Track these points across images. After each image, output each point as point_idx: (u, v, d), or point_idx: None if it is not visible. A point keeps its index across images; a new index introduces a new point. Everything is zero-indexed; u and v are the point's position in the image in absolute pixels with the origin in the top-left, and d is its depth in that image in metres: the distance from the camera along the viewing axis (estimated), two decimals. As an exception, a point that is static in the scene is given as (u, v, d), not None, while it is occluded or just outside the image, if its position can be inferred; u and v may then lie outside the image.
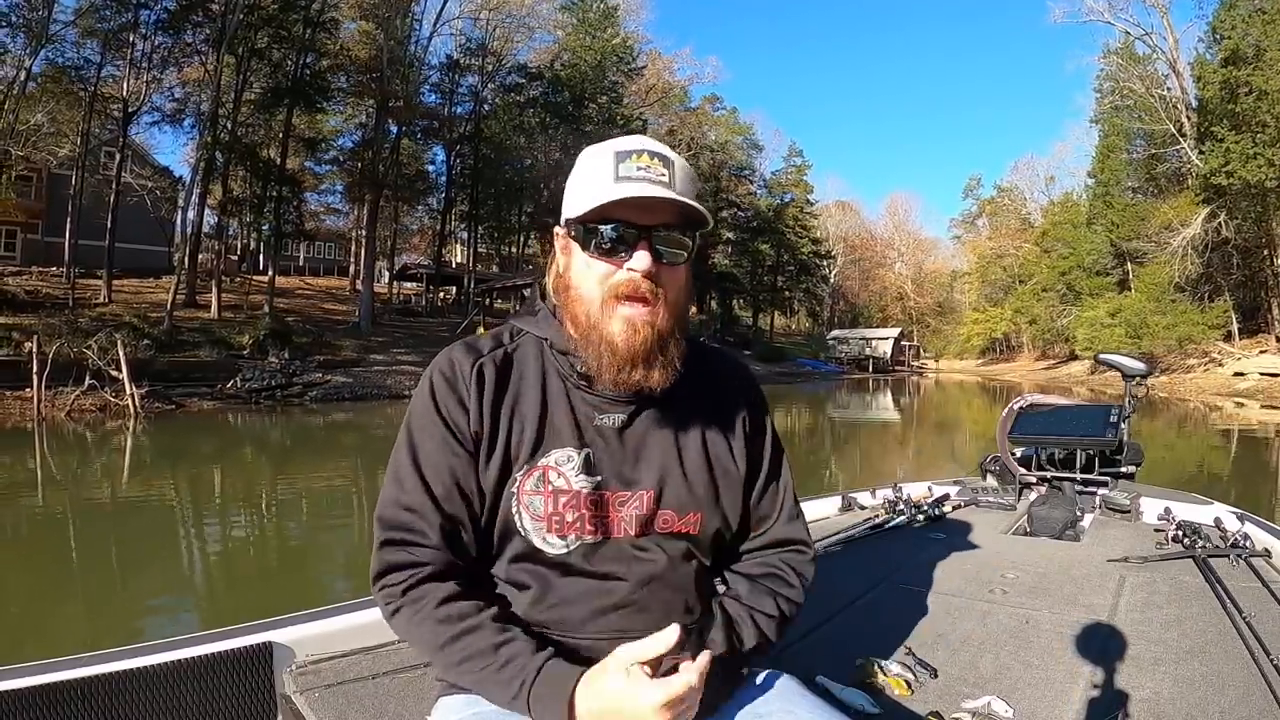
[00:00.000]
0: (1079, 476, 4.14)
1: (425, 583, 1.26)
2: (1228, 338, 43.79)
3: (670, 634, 1.11)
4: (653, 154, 1.27)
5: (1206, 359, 42.32)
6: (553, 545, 1.30)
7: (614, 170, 1.25)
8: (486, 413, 1.31)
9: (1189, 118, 46.80)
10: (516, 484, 1.30)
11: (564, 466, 1.30)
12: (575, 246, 1.31)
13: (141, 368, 21.85)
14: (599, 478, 1.31)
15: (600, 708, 1.11)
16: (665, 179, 1.26)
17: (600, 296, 1.27)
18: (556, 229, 1.37)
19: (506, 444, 1.31)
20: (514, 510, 1.29)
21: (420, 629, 1.25)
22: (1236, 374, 39.01)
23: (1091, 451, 4.13)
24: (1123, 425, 4.07)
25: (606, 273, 1.27)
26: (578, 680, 1.14)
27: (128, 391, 20.22)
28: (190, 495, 11.86)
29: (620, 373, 1.27)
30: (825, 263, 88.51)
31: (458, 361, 1.34)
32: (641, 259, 1.25)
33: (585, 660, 1.21)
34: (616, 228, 1.26)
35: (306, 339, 31.31)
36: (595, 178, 1.27)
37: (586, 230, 1.28)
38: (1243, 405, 30.60)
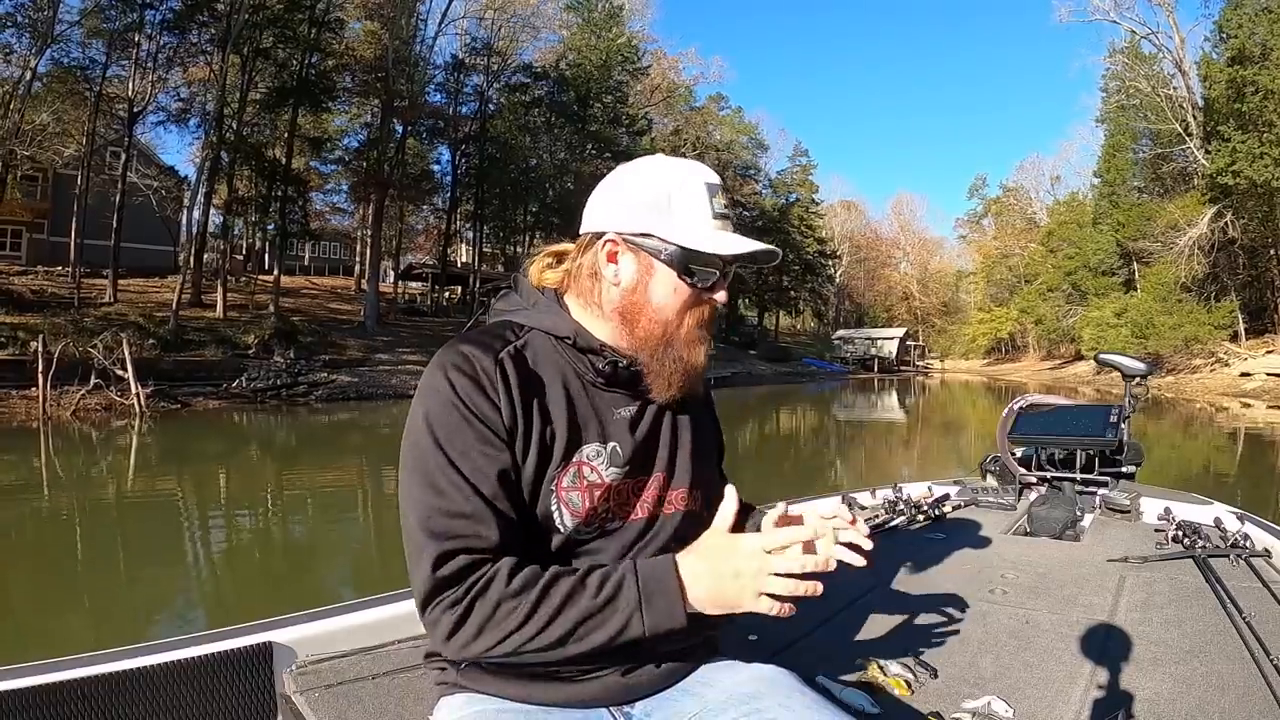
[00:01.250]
0: (1079, 476, 4.12)
1: (487, 567, 1.20)
2: (1234, 338, 43.62)
3: (730, 493, 1.26)
4: (722, 188, 1.38)
5: (1213, 359, 42.18)
6: (585, 536, 1.32)
7: (709, 206, 1.34)
8: (519, 409, 1.27)
9: (1195, 117, 46.73)
10: (554, 481, 1.29)
11: (595, 461, 1.33)
12: (660, 267, 1.34)
13: (147, 367, 21.92)
14: (626, 468, 1.35)
15: (699, 566, 1.20)
16: (734, 219, 1.40)
17: (685, 322, 1.36)
18: (612, 235, 1.35)
19: (541, 442, 1.29)
20: (553, 508, 1.29)
21: (498, 615, 1.17)
22: (1243, 374, 38.89)
23: (1091, 451, 4.12)
24: (1123, 425, 4.05)
25: (694, 299, 1.36)
26: (674, 558, 1.23)
27: (133, 391, 20.30)
28: (195, 495, 11.90)
29: (688, 386, 1.39)
30: (830, 262, 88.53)
31: (475, 358, 1.28)
32: (723, 296, 1.40)
33: (597, 660, 1.29)
34: (722, 265, 1.37)
35: (312, 338, 31.37)
36: (692, 208, 1.34)
37: (691, 260, 1.34)
38: (1249, 406, 30.54)
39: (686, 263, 1.33)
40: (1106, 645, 2.22)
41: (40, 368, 18.81)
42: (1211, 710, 1.82)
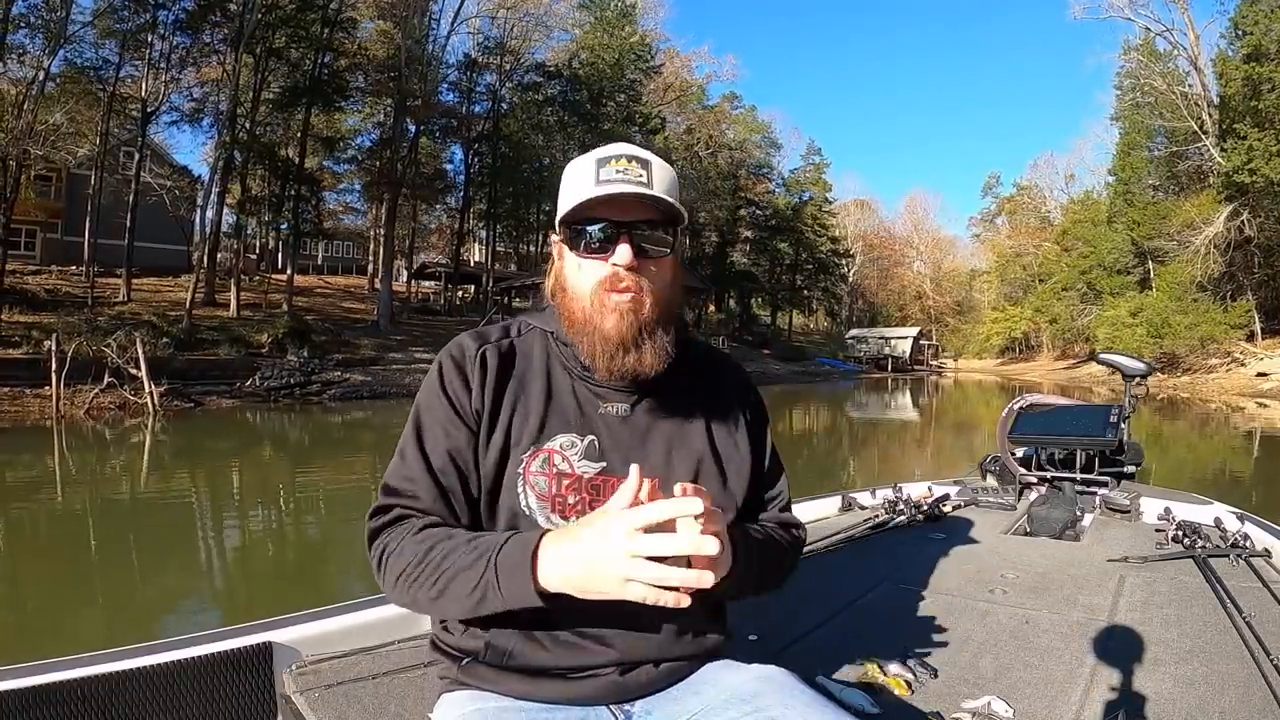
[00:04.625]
0: (1079, 476, 4.15)
1: (410, 520, 1.30)
2: (1250, 338, 43.44)
3: (632, 475, 1.11)
4: (630, 158, 1.34)
5: (1229, 359, 42.03)
6: (557, 526, 1.31)
7: (595, 175, 1.33)
8: (489, 393, 1.36)
9: (1210, 115, 46.55)
10: (522, 465, 1.33)
11: (568, 451, 1.35)
12: (566, 249, 1.39)
13: (160, 366, 22.02)
14: (602, 464, 1.35)
15: (565, 547, 1.12)
16: (643, 179, 1.33)
17: (590, 291, 1.34)
18: (553, 236, 1.43)
19: (508, 425, 1.35)
20: (519, 489, 1.33)
21: (400, 558, 1.25)
22: (1259, 374, 38.72)
23: (1091, 451, 4.15)
24: (1123, 425, 4.10)
25: (594, 268, 1.34)
26: (544, 532, 1.18)
27: (147, 389, 20.39)
28: (207, 493, 11.95)
29: (613, 359, 1.33)
30: (844, 261, 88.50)
31: (465, 346, 1.41)
32: (623, 253, 1.31)
33: (597, 659, 1.31)
34: (601, 226, 1.33)
35: (325, 337, 31.51)
36: (579, 184, 1.35)
37: (574, 232, 1.36)
38: (1265, 406, 30.38)
39: (574, 234, 1.36)
40: (1106, 645, 2.23)
41: (54, 366, 18.89)
42: (1211, 710, 1.82)
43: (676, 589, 1.05)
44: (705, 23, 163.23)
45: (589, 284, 1.34)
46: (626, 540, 1.05)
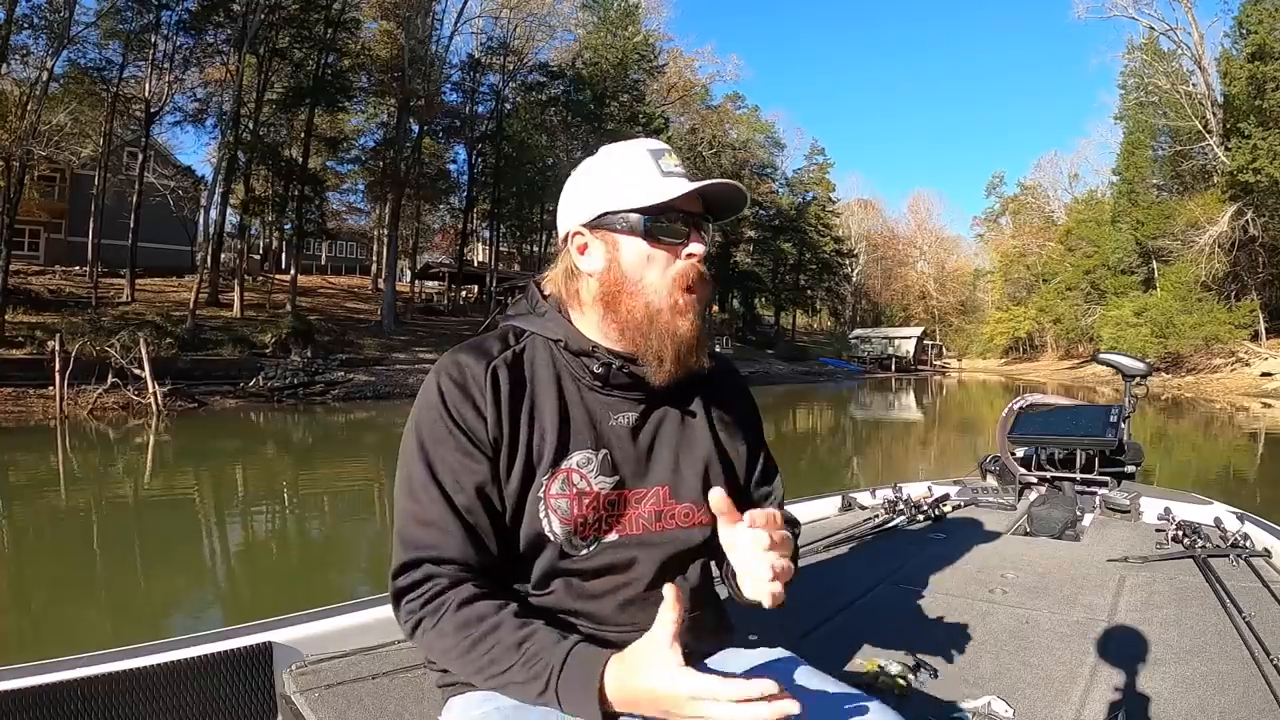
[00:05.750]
0: (1079, 476, 4.15)
1: (445, 593, 1.22)
2: (1255, 337, 43.34)
3: (669, 597, 1.01)
4: (671, 152, 1.33)
5: (1233, 359, 41.97)
6: (578, 547, 1.29)
7: (655, 166, 1.30)
8: (505, 418, 1.28)
9: (1215, 114, 46.50)
10: (542, 489, 1.28)
11: (585, 468, 1.30)
12: (624, 240, 1.31)
13: (164, 366, 22.08)
14: (618, 477, 1.31)
15: (634, 686, 1.04)
16: (690, 175, 1.31)
17: (666, 286, 1.29)
18: (577, 229, 1.35)
19: (529, 449, 1.29)
20: (541, 515, 1.28)
21: (442, 639, 1.20)
22: (1264, 374, 38.65)
23: (1091, 451, 4.15)
24: (1123, 425, 4.09)
25: (668, 261, 1.30)
26: (608, 660, 1.08)
27: (150, 389, 20.43)
28: (210, 493, 11.95)
29: (682, 361, 1.30)
30: (847, 261, 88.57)
31: (467, 365, 1.30)
32: (699, 246, 1.30)
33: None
34: (684, 218, 1.30)
35: (329, 337, 31.58)
36: (638, 174, 1.30)
37: (651, 220, 1.29)
38: (1270, 406, 30.30)
39: (646, 223, 1.29)
40: (1106, 645, 2.23)
41: (58, 367, 18.96)
42: (1211, 710, 1.82)
43: None
44: (708, 23, 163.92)
45: (662, 277, 1.29)
46: (696, 708, 0.98)
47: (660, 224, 1.29)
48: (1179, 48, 50.32)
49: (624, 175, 1.31)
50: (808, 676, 1.32)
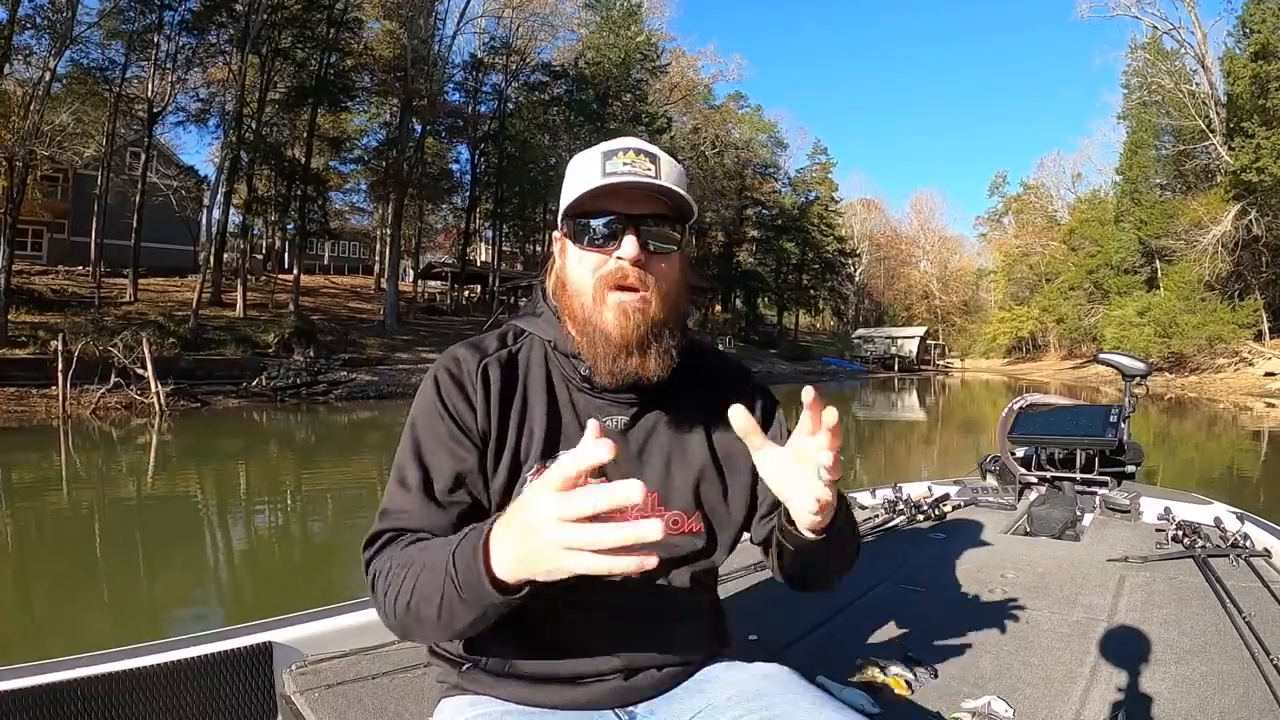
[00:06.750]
0: (1079, 476, 4.16)
1: (399, 538, 1.19)
2: (1258, 337, 43.27)
3: (590, 434, 0.90)
4: (638, 151, 1.29)
5: (1237, 359, 41.91)
6: None
7: (601, 168, 1.27)
8: (495, 412, 1.29)
9: (1218, 113, 46.45)
10: (526, 484, 1.27)
11: None
12: (567, 242, 1.32)
13: (167, 366, 22.11)
14: (602, 479, 1.27)
15: (507, 533, 0.94)
16: (651, 173, 1.27)
17: (593, 287, 1.27)
18: (554, 233, 1.38)
19: (516, 445, 1.29)
20: None
21: (386, 579, 1.13)
22: (1267, 374, 38.59)
23: (1091, 451, 4.16)
24: (1123, 425, 4.10)
25: (598, 263, 1.28)
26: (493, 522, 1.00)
27: (153, 389, 20.44)
28: (212, 493, 11.95)
29: (616, 361, 1.27)
30: (850, 261, 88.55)
31: (463, 360, 1.33)
32: (629, 246, 1.25)
33: (599, 666, 1.28)
34: (607, 220, 1.27)
35: (331, 337, 31.60)
36: (584, 176, 1.29)
37: (577, 225, 1.29)
38: (1273, 405, 30.24)
39: (577, 227, 1.29)
40: (1106, 645, 2.24)
41: (60, 366, 18.96)
42: (1211, 710, 1.83)
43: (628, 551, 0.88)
44: (711, 22, 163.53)
45: (591, 277, 1.27)
46: (554, 506, 0.87)
47: (580, 225, 1.29)
48: (1182, 47, 50.37)
49: (573, 178, 1.32)
50: (803, 690, 1.31)
